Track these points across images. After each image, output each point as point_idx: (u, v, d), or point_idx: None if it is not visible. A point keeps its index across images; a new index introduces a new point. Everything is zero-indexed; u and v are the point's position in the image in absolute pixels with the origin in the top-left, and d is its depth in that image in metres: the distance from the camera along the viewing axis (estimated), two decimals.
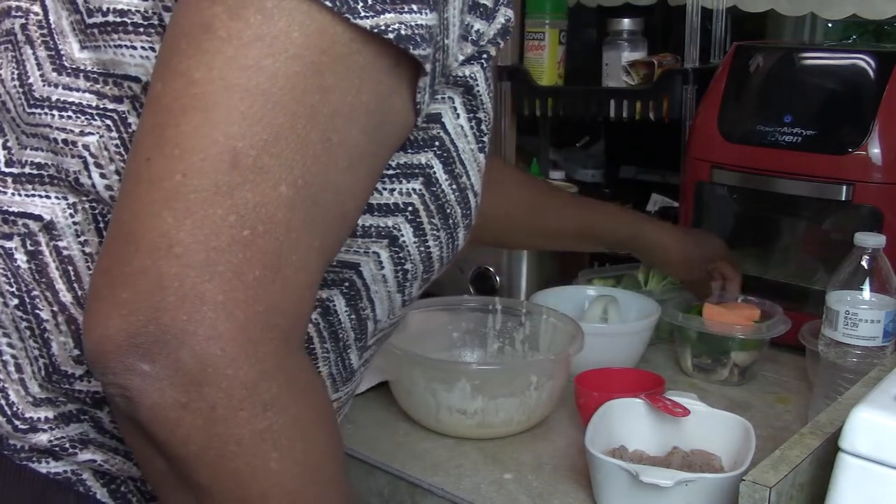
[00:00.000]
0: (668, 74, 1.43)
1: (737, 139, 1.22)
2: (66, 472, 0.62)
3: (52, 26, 0.60)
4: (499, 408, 0.98)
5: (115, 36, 0.57)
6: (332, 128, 0.48)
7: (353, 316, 0.64)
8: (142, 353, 0.45)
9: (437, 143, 0.60)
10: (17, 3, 0.63)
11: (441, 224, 0.63)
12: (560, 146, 1.88)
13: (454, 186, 0.63)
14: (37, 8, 0.61)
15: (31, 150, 0.60)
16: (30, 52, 0.61)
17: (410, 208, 0.61)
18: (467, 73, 0.60)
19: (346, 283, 0.62)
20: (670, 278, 1.28)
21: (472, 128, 0.63)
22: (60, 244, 0.59)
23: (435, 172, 0.61)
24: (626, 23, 1.51)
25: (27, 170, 0.60)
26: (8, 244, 0.60)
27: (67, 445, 0.61)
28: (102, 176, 0.58)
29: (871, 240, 0.95)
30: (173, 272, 0.45)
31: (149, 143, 0.47)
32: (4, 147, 0.62)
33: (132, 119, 0.57)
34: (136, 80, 0.57)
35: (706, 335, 1.14)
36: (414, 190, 0.60)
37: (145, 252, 0.46)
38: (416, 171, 0.60)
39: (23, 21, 0.62)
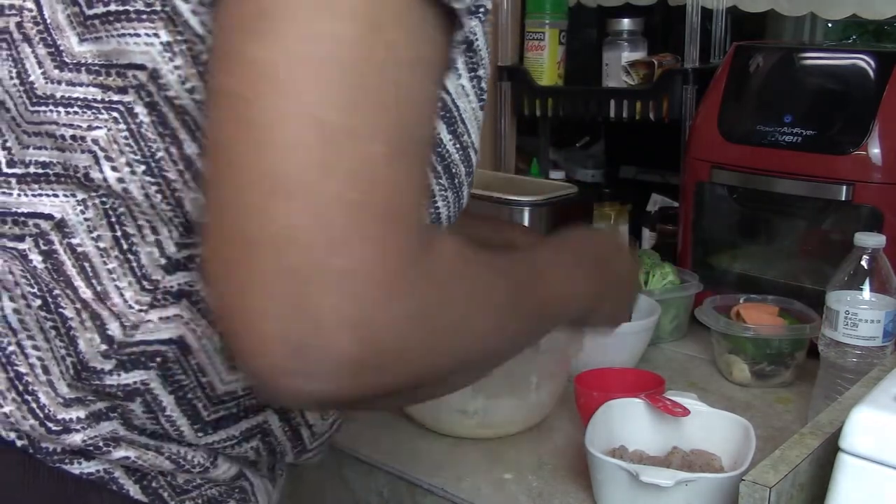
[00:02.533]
0: (668, 74, 1.43)
1: (737, 139, 1.22)
2: (98, 471, 0.62)
3: (48, 21, 0.60)
4: (499, 408, 0.99)
5: (119, 25, 0.56)
6: (403, 80, 0.48)
7: (287, 429, 0.66)
8: (313, 355, 0.45)
9: (440, 105, 0.59)
10: (8, 2, 0.62)
11: (448, 184, 0.62)
12: (560, 146, 1.88)
13: (457, 146, 0.62)
14: (30, 4, 0.61)
15: (33, 149, 0.60)
16: (28, 50, 0.60)
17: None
18: (467, 28, 0.56)
19: None
20: (671, 278, 1.28)
21: (473, 86, 0.62)
22: (73, 241, 0.59)
23: (439, 134, 0.60)
24: (626, 23, 1.51)
25: (32, 169, 0.60)
26: (21, 246, 0.60)
27: (101, 444, 0.61)
28: (114, 169, 0.57)
29: (870, 240, 0.95)
30: (302, 260, 0.44)
31: (235, 137, 0.46)
32: (4, 147, 0.61)
33: (139, 109, 0.57)
34: (142, 67, 0.56)
35: (762, 341, 1.11)
36: None
37: (269, 250, 0.44)
38: None
39: (18, 19, 0.61)
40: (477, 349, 0.55)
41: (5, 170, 0.61)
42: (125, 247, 0.59)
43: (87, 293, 0.59)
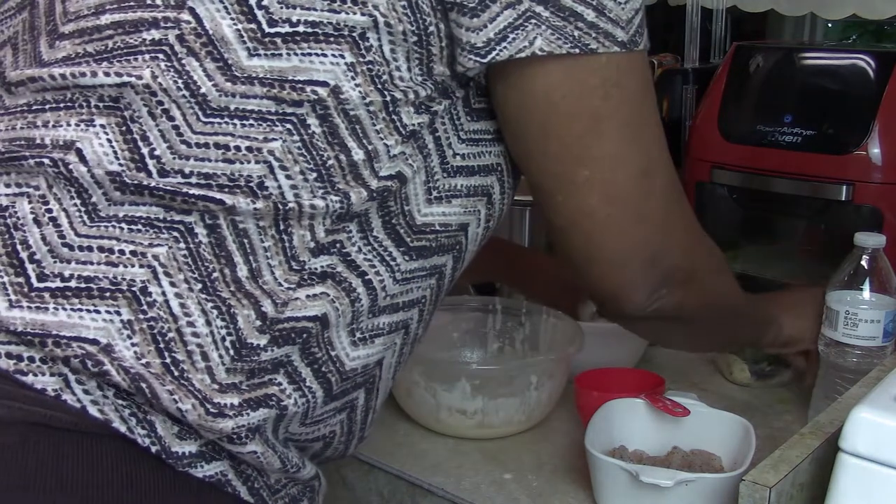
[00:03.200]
0: (668, 74, 1.43)
1: (737, 139, 1.22)
2: (216, 474, 0.64)
3: (211, 34, 0.61)
4: (499, 408, 0.99)
5: (305, 45, 0.61)
6: (656, 119, 0.71)
7: (453, 277, 0.77)
8: (661, 285, 0.75)
9: None
10: (161, 14, 0.62)
11: (513, 183, 0.76)
12: None
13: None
14: (186, 16, 0.62)
15: (195, 160, 0.62)
16: (195, 63, 0.62)
17: (499, 168, 0.73)
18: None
19: (457, 246, 0.74)
20: None
21: None
22: (237, 219, 0.63)
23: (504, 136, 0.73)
24: None
25: (193, 180, 0.62)
26: (188, 219, 0.62)
27: (244, 434, 0.63)
28: (288, 177, 0.62)
29: (870, 240, 0.95)
30: (653, 249, 0.73)
31: (603, 208, 0.69)
32: (152, 156, 0.62)
33: (311, 121, 0.62)
34: (324, 84, 0.62)
35: None
36: (501, 152, 0.73)
37: (638, 255, 0.72)
38: (499, 135, 0.72)
39: (177, 32, 0.62)
40: (707, 304, 0.83)
41: (157, 178, 0.62)
42: (281, 227, 0.63)
43: (243, 270, 0.63)
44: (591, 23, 0.63)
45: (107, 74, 0.62)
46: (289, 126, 0.62)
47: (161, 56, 0.62)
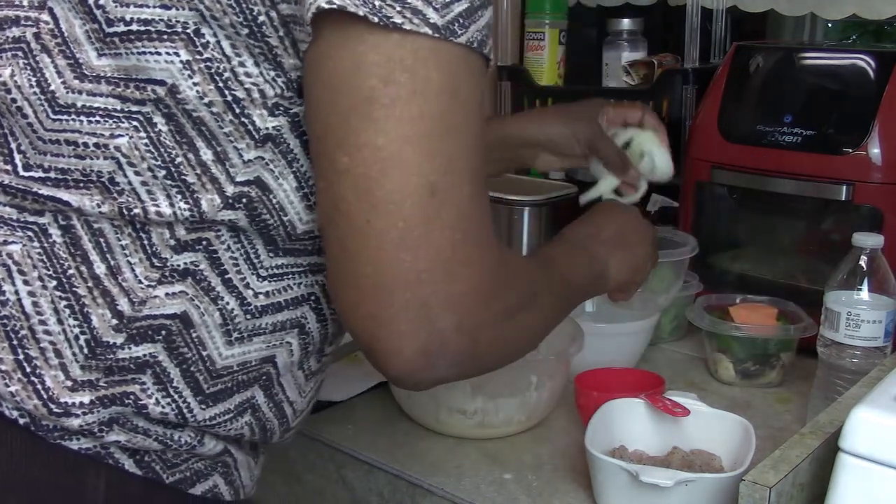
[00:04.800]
0: (668, 74, 1.43)
1: (737, 139, 1.22)
2: (95, 446, 0.65)
3: (66, 35, 0.63)
4: (499, 408, 0.99)
5: (139, 43, 0.61)
6: (473, 126, 0.59)
7: (271, 405, 0.73)
8: (437, 357, 0.59)
9: None
10: (24, 13, 0.64)
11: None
12: None
13: None
14: (46, 17, 0.63)
15: (51, 155, 0.63)
16: (48, 60, 0.63)
17: (313, 297, 0.70)
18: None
19: (264, 377, 0.71)
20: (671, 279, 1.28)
21: None
22: (91, 219, 0.63)
23: None
24: (626, 23, 1.51)
25: (52, 174, 0.63)
26: (41, 220, 0.64)
27: (96, 429, 0.64)
28: (137, 174, 0.62)
29: (869, 240, 0.95)
30: (428, 292, 0.57)
31: (362, 208, 0.56)
32: (19, 151, 0.64)
33: (157, 119, 0.61)
34: (161, 83, 0.61)
35: (746, 339, 1.12)
36: (316, 281, 0.70)
37: (401, 290, 0.57)
38: (320, 266, 0.69)
39: (35, 30, 0.64)
40: (538, 325, 0.72)
41: (23, 173, 0.64)
42: (138, 225, 0.63)
43: (101, 268, 0.63)
44: None
45: None
46: (135, 123, 0.62)
47: (20, 54, 0.64)
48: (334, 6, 0.54)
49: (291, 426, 0.77)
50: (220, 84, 0.60)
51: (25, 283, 0.63)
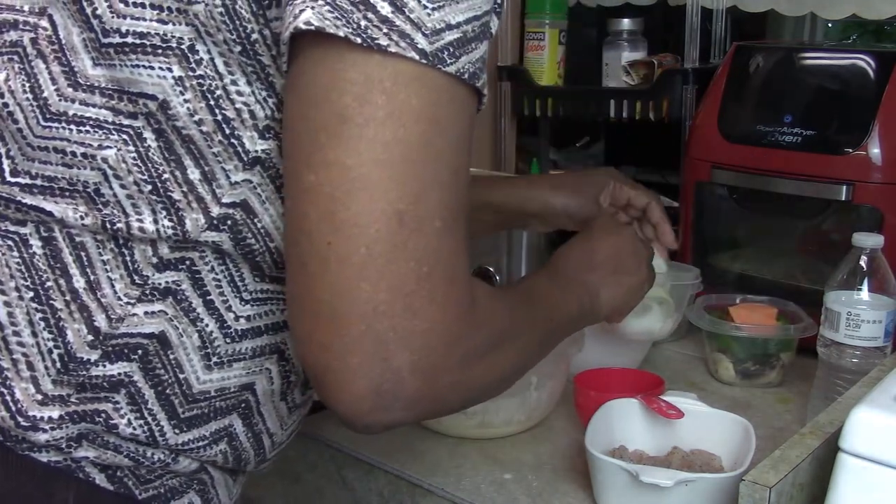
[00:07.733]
0: (668, 74, 1.43)
1: (737, 139, 1.22)
2: (65, 460, 0.64)
3: (63, 42, 0.62)
4: (499, 408, 0.98)
5: (133, 56, 0.60)
6: (453, 160, 0.56)
7: (249, 435, 0.71)
8: (391, 397, 0.55)
9: None
10: (23, 18, 0.64)
11: None
12: (560, 146, 1.88)
13: None
14: (45, 23, 0.63)
15: (39, 163, 0.63)
16: (42, 66, 0.63)
17: None
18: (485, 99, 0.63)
19: (243, 405, 0.69)
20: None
21: None
22: (73, 232, 0.62)
23: None
24: (626, 23, 1.51)
25: (38, 182, 0.63)
26: (23, 230, 0.63)
27: (63, 445, 0.63)
28: (122, 187, 0.61)
29: (869, 240, 0.95)
30: (385, 325, 0.54)
31: (324, 229, 0.54)
32: (8, 156, 0.63)
33: (147, 134, 0.61)
34: (153, 98, 0.60)
35: (746, 339, 1.12)
36: None
37: (357, 320, 0.53)
38: None
39: (32, 35, 0.63)
40: (511, 367, 0.67)
41: (9, 178, 0.63)
42: (120, 241, 0.62)
43: (80, 282, 0.62)
44: (384, 17, 0.53)
45: None
46: (125, 136, 0.61)
47: (16, 58, 0.64)
48: (312, 28, 0.53)
49: (268, 457, 0.75)
50: (212, 102, 0.60)
51: (1, 292, 0.62)
